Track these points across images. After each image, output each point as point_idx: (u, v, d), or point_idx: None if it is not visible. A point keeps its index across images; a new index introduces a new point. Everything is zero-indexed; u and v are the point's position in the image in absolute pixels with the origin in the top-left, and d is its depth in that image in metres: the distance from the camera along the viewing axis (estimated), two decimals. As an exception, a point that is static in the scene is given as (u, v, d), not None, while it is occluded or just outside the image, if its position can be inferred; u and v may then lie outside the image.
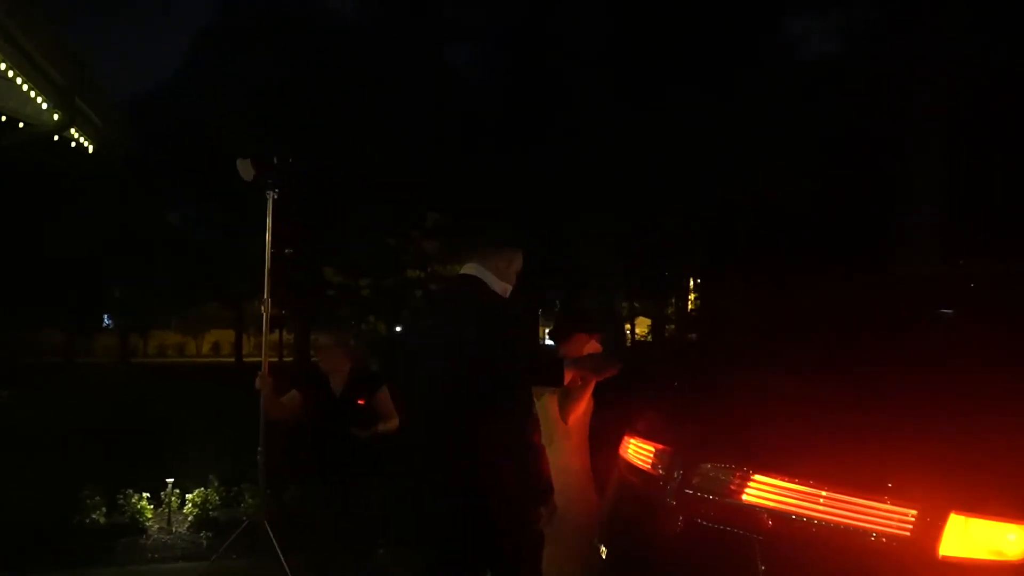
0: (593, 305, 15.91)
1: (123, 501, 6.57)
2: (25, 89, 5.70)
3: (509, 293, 3.29)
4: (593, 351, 4.01)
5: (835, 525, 2.29)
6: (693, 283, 24.98)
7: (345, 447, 4.59)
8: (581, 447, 4.13)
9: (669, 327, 26.17)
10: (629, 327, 29.31)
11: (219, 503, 6.74)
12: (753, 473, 2.54)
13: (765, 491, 2.50)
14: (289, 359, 32.72)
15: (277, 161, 5.31)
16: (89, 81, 6.56)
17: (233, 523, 6.23)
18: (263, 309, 5.44)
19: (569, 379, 3.41)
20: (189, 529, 6.55)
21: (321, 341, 4.86)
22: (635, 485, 3.25)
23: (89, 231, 23.05)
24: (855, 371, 2.80)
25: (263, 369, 5.02)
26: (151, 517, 6.61)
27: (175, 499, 6.76)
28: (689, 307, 25.43)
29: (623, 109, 15.63)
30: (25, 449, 8.32)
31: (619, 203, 15.24)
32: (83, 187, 19.93)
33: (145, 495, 6.71)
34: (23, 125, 6.24)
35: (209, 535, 6.40)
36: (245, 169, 5.23)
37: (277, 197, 5.37)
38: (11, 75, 5.47)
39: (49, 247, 22.10)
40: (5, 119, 6.19)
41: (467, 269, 3.30)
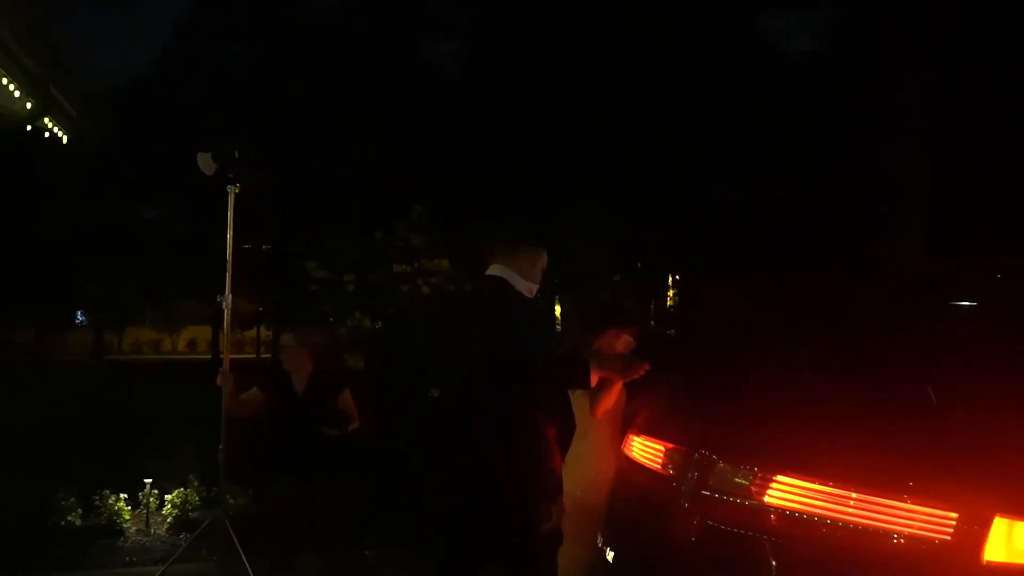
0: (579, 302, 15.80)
1: (99, 502, 6.33)
2: (-4, 76, 5.49)
3: (535, 292, 3.29)
4: (627, 345, 3.92)
5: (867, 529, 2.17)
6: (672, 280, 24.93)
7: (308, 446, 4.58)
8: (614, 439, 4.03)
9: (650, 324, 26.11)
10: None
11: (199, 503, 6.53)
12: (775, 474, 2.41)
13: (789, 493, 2.37)
14: (267, 356, 32.30)
15: (239, 155, 5.21)
16: (64, 69, 6.35)
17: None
18: (223, 305, 5.36)
19: (596, 381, 3.33)
20: (168, 531, 6.33)
21: (283, 340, 4.84)
22: (642, 485, 3.12)
23: (63, 226, 22.60)
24: (887, 369, 2.67)
25: (224, 366, 5.02)
26: (128, 518, 6.39)
27: (153, 500, 6.54)
28: (668, 303, 25.38)
29: (608, 105, 15.54)
30: (-4, 449, 8.06)
31: (607, 199, 15.13)
32: (56, 180, 19.51)
33: (122, 496, 6.47)
34: (-6, 113, 6.02)
35: (189, 536, 6.19)
36: (205, 163, 5.15)
37: (239, 191, 5.27)
38: (-18, 62, 5.26)
39: (20, 242, 21.65)
40: (-26, 107, 5.97)
41: (492, 270, 3.26)
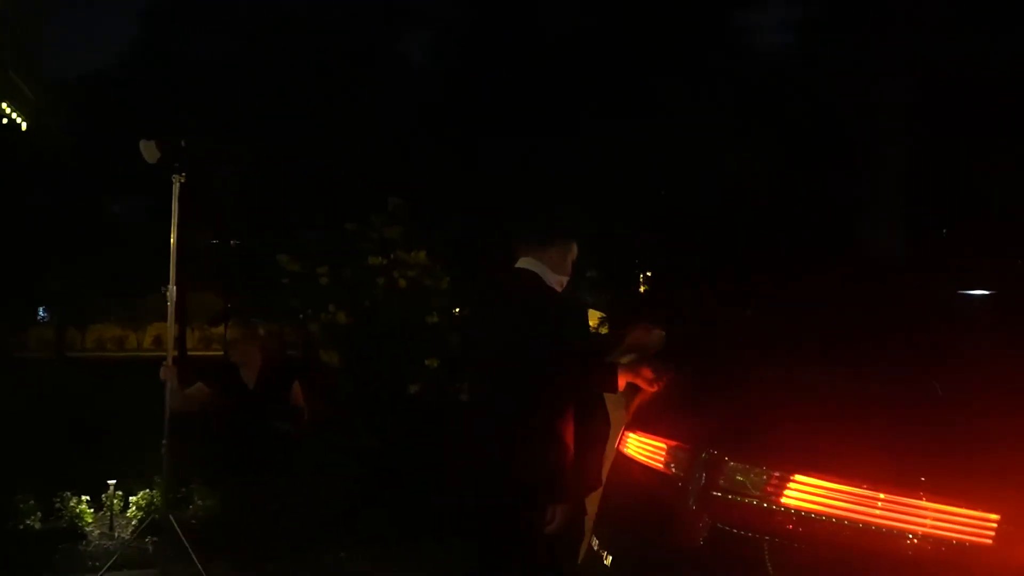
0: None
1: (60, 505, 6.11)
2: (-49, 56, 5.24)
3: (565, 285, 3.28)
4: (659, 338, 3.76)
5: (896, 532, 2.02)
6: (643, 277, 24.89)
7: (262, 441, 4.54)
8: None
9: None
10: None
11: (164, 506, 6.29)
12: (793, 473, 2.26)
13: (808, 494, 2.21)
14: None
15: (185, 144, 5.18)
16: (22, 53, 6.12)
17: (182, 526, 5.83)
18: (167, 297, 5.29)
19: (623, 384, 3.25)
20: (133, 534, 6.07)
21: (232, 334, 4.81)
22: (642, 485, 2.95)
23: (22, 216, 21.99)
24: (913, 360, 2.52)
25: (167, 360, 5.00)
26: (91, 522, 6.16)
27: (117, 502, 6.30)
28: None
29: (584, 100, 15.44)
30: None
31: (582, 194, 15.00)
32: (14, 169, 18.94)
33: (85, 498, 6.24)
34: (-53, 96, 5.76)
35: (155, 540, 5.94)
36: (149, 151, 5.11)
37: (184, 181, 5.27)
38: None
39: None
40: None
41: (522, 263, 3.26)
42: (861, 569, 2.06)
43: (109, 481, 6.31)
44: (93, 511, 6.22)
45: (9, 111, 6.39)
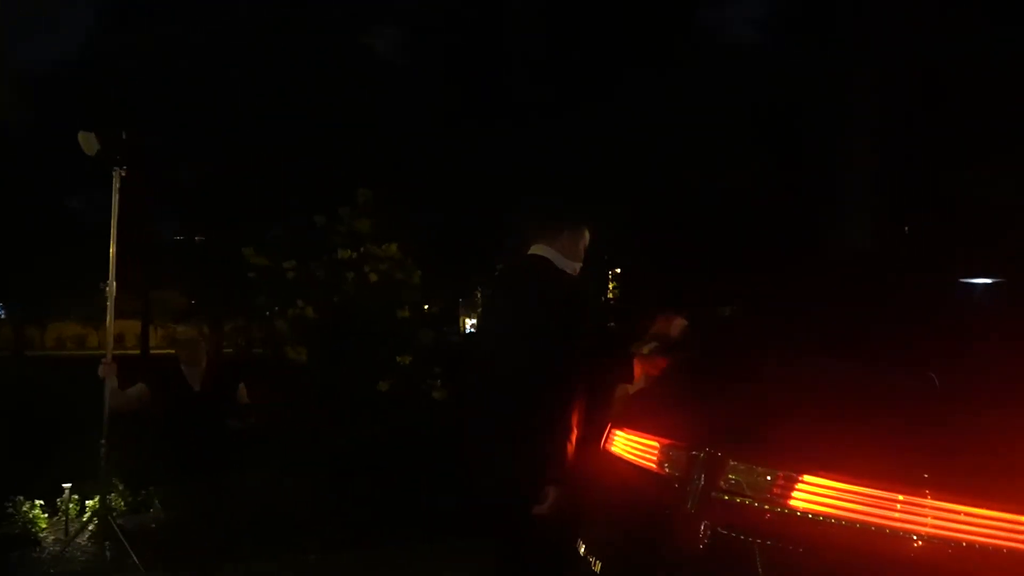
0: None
1: (13, 510, 5.85)
2: None
3: (579, 271, 3.28)
4: (681, 328, 3.79)
5: (919, 537, 1.86)
6: (612, 273, 24.81)
7: (212, 442, 4.48)
8: None
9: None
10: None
11: (124, 509, 6.08)
12: (802, 474, 2.10)
13: (818, 495, 2.06)
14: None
15: (126, 136, 5.12)
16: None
17: (143, 531, 5.68)
18: (107, 292, 5.30)
19: (640, 374, 3.29)
20: (90, 539, 5.81)
21: (181, 333, 4.75)
22: (632, 486, 2.78)
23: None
24: (934, 353, 2.35)
25: (107, 356, 4.99)
26: (46, 527, 5.90)
27: (73, 506, 6.02)
28: (609, 295, 25.28)
29: (549, 94, 15.30)
30: None
31: (550, 189, 14.85)
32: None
33: (38, 502, 5.97)
34: None
35: (112, 545, 5.68)
36: (88, 143, 5.01)
37: (125, 175, 5.24)
38: None
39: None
40: None
41: (535, 250, 3.27)
42: (878, 576, 1.90)
43: (64, 485, 6.04)
44: (47, 516, 5.96)
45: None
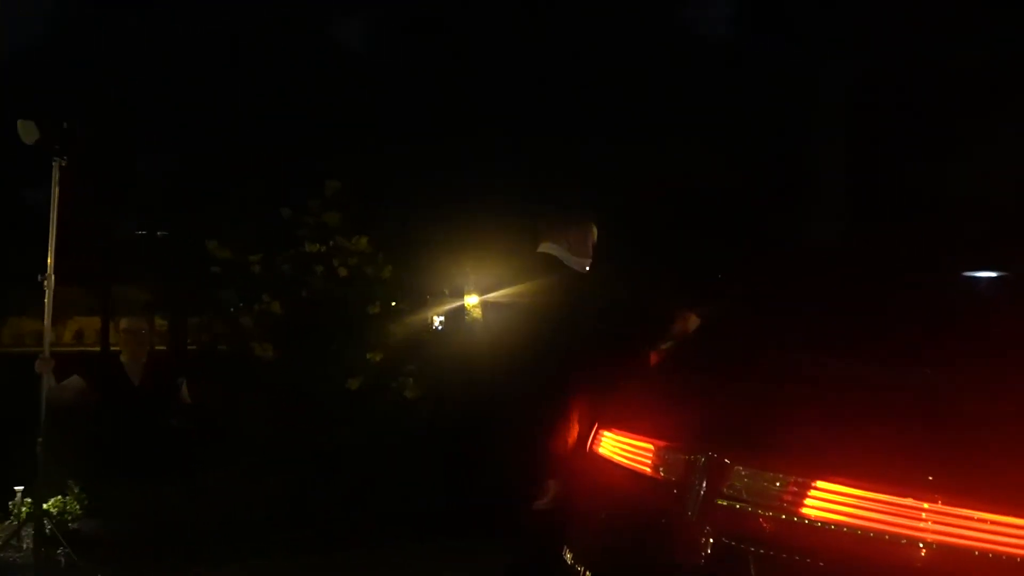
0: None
1: (-41, 514, 5.52)
2: None
3: (588, 267, 3.34)
4: (693, 325, 3.74)
5: (947, 548, 1.71)
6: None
7: (156, 439, 4.51)
8: None
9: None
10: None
11: (80, 513, 5.78)
12: (814, 479, 1.94)
13: (833, 503, 1.90)
14: (162, 348, 30.56)
15: (67, 126, 5.02)
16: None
17: (102, 536, 5.42)
18: (45, 286, 5.20)
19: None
20: (42, 546, 5.53)
21: (126, 326, 4.74)
22: (625, 491, 2.61)
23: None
24: (960, 350, 2.20)
25: (44, 351, 4.99)
26: (-5, 532, 5.58)
27: (26, 509, 5.72)
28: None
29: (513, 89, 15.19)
30: None
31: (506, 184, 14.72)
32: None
33: (-11, 507, 5.67)
34: None
35: (68, 551, 5.41)
36: (28, 131, 4.89)
37: (66, 165, 5.12)
38: None
39: None
40: None
41: (543, 248, 3.33)
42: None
43: (16, 488, 5.76)
44: (-1, 521, 5.66)
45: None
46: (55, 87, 20.06)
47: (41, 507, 5.18)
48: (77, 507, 5.79)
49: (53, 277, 5.14)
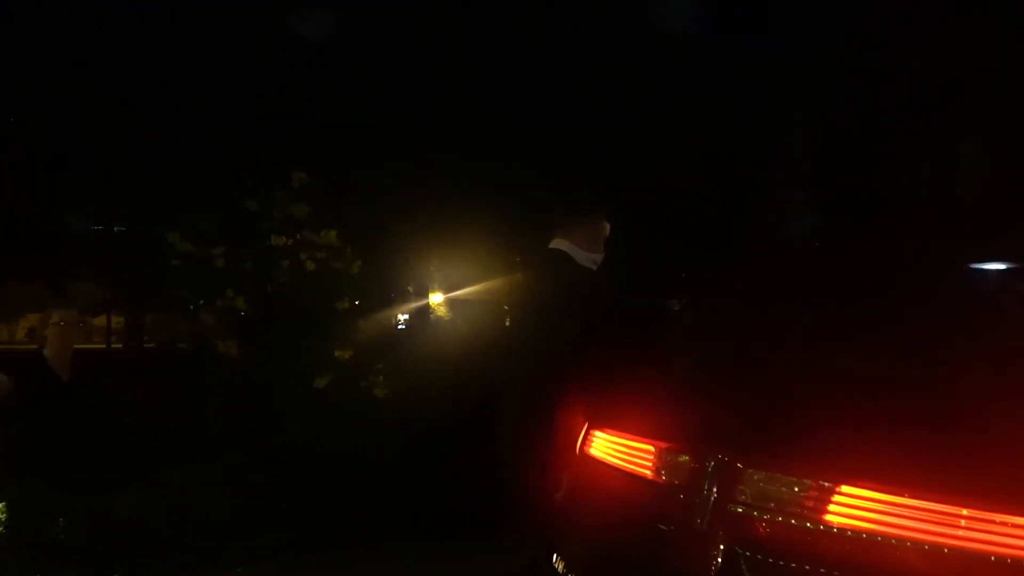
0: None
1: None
2: None
3: (599, 263, 3.33)
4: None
5: (988, 557, 1.57)
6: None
7: (84, 435, 4.32)
8: None
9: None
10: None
11: (5, 518, 5.48)
12: (839, 484, 1.80)
13: (860, 509, 1.76)
14: (118, 346, 29.87)
15: None
16: None
17: (54, 545, 5.05)
18: None
19: None
20: (-8, 551, 5.24)
21: (55, 319, 4.50)
22: (621, 496, 2.45)
23: None
24: (990, 345, 2.07)
25: None
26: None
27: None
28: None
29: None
30: None
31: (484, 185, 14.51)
32: None
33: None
34: None
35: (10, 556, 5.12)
36: None
37: None
38: None
39: None
40: None
41: (554, 243, 3.34)
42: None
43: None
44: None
45: None
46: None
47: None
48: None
49: None
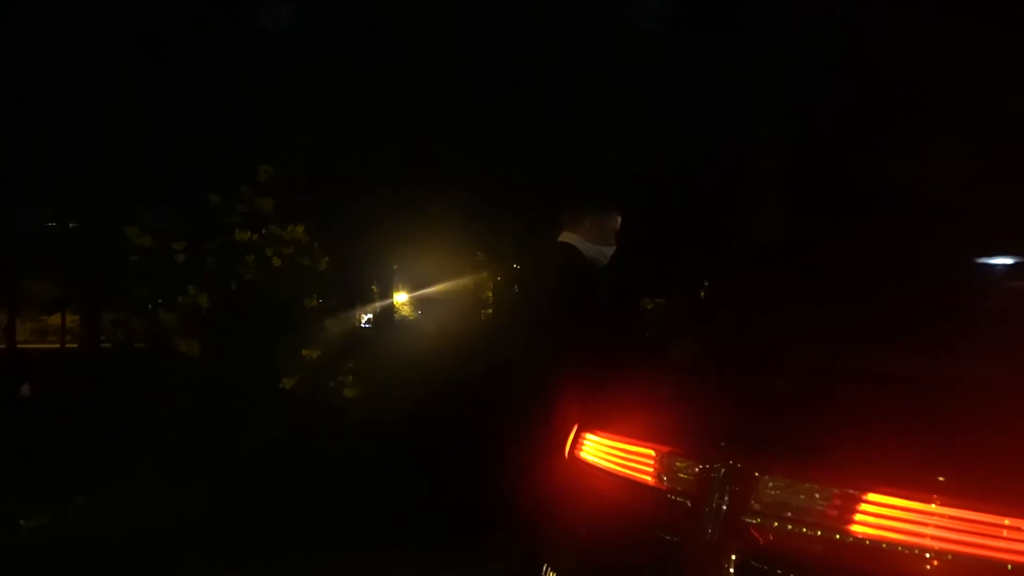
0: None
1: None
2: None
3: (608, 256, 3.32)
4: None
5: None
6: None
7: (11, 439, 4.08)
8: None
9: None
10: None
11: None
12: (865, 492, 1.67)
13: (890, 519, 1.64)
14: (73, 346, 29.09)
15: None
16: None
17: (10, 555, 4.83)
18: None
19: None
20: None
21: None
22: (617, 503, 2.30)
23: None
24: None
25: None
26: None
27: None
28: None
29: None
30: None
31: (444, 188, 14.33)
32: None
33: None
34: None
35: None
36: None
37: None
38: None
39: None
40: None
41: (563, 237, 3.35)
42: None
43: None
44: None
45: None
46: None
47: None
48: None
49: None
